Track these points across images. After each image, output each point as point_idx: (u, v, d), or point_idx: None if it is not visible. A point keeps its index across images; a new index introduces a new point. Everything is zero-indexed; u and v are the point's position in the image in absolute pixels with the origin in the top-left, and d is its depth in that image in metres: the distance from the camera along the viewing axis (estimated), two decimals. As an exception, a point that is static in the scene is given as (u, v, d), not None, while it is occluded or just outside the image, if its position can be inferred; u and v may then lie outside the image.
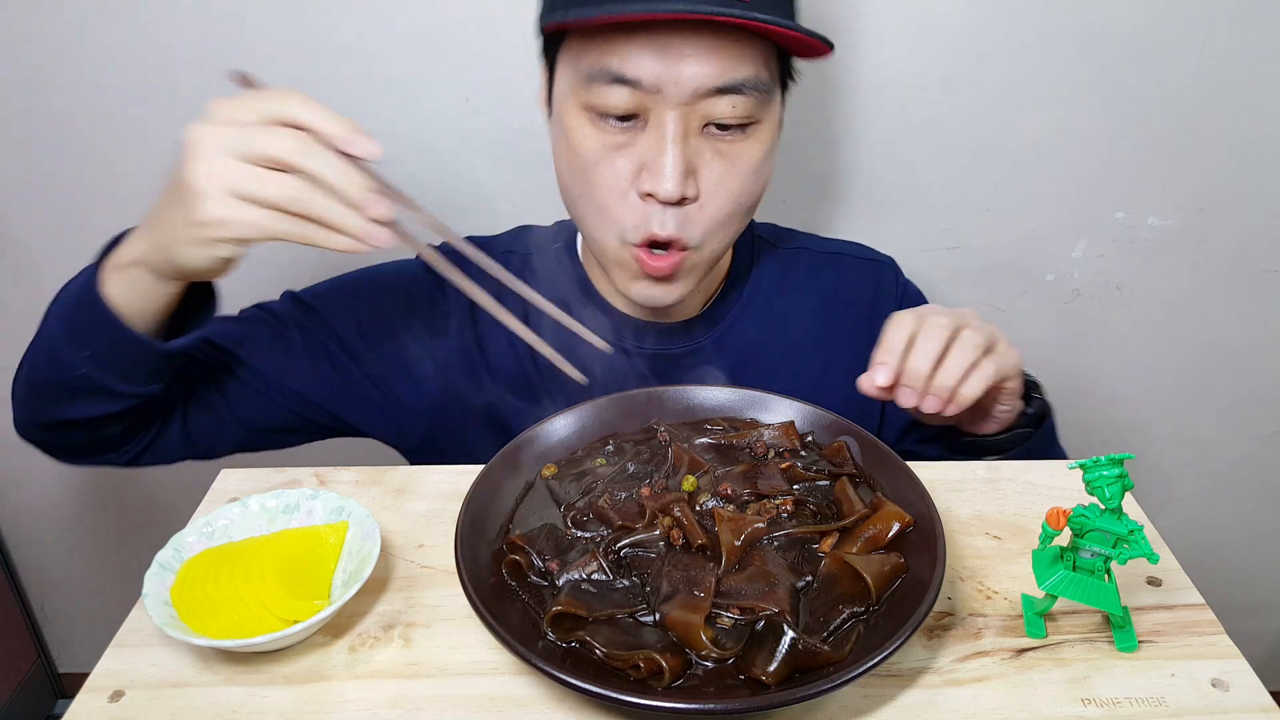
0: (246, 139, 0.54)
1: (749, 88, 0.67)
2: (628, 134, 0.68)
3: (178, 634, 0.51)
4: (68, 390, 0.68)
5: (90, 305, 0.64)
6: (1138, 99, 1.07)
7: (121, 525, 1.42)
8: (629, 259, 0.73)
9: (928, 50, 1.05)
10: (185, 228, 0.57)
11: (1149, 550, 0.50)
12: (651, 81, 0.65)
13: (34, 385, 0.72)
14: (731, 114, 0.67)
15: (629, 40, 0.64)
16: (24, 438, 0.77)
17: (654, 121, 0.67)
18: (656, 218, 0.69)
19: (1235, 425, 1.35)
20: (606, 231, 0.73)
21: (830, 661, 0.48)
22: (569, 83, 0.70)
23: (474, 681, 0.52)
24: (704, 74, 0.65)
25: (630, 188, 0.70)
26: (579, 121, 0.69)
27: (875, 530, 0.57)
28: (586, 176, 0.71)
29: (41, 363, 0.69)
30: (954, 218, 1.16)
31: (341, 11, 1.01)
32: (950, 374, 0.66)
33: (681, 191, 0.68)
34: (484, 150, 1.10)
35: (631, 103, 0.66)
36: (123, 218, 1.14)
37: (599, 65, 0.66)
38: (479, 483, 0.61)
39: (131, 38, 1.02)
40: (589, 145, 0.69)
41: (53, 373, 0.68)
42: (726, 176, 0.70)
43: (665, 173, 0.67)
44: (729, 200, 0.71)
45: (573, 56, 0.69)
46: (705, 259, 0.75)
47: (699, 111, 0.67)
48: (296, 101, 0.55)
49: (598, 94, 0.67)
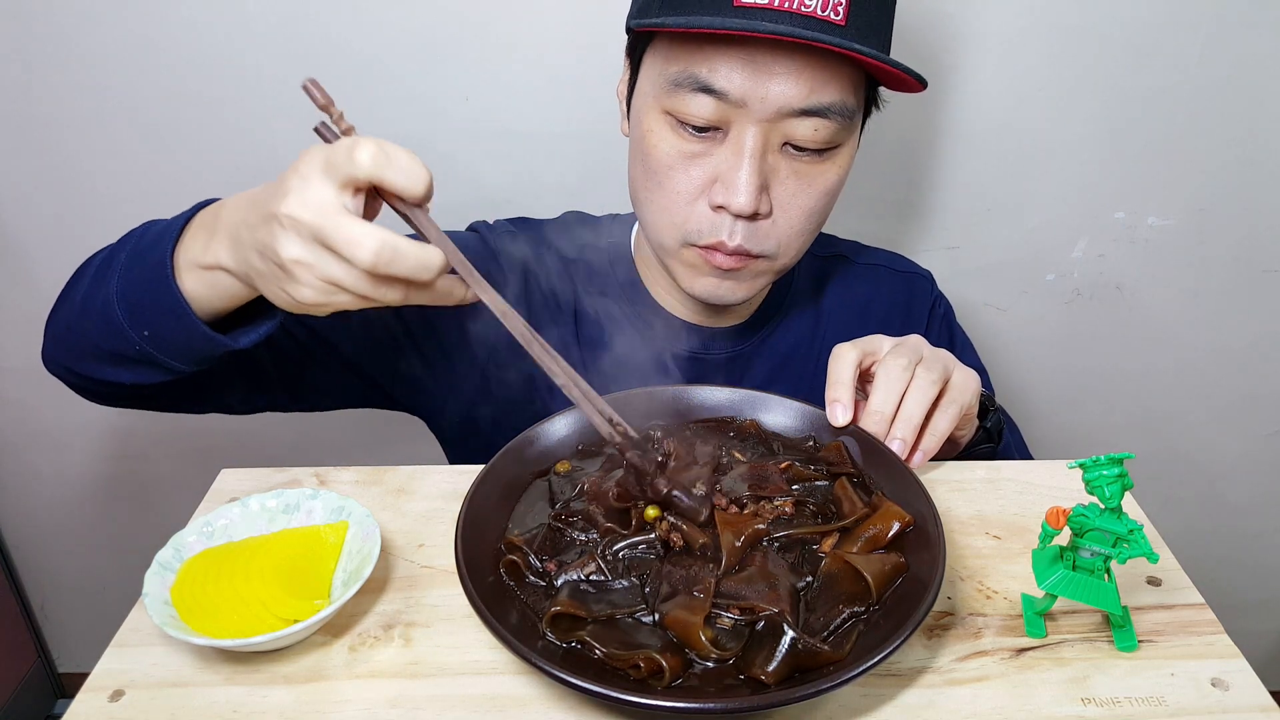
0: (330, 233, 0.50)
1: (833, 112, 0.67)
2: (705, 144, 0.68)
3: (178, 634, 0.51)
4: (116, 356, 0.65)
5: (164, 295, 0.59)
6: (1138, 99, 1.07)
7: (121, 525, 1.42)
8: (694, 257, 0.73)
9: (927, 50, 1.05)
10: (278, 290, 0.54)
11: (1149, 550, 0.50)
12: (738, 95, 0.65)
13: (76, 338, 0.67)
14: (813, 137, 0.67)
15: (720, 51, 0.64)
16: (52, 373, 0.74)
17: (734, 135, 0.67)
18: (726, 229, 0.70)
19: (1235, 425, 1.35)
20: (670, 233, 0.73)
21: (830, 661, 0.48)
22: (652, 85, 0.70)
23: (474, 681, 0.52)
24: (791, 94, 0.65)
25: (701, 196, 0.70)
26: (657, 125, 0.70)
27: (876, 530, 0.57)
28: (658, 179, 0.71)
29: (92, 324, 0.65)
30: (954, 218, 1.16)
31: (342, 11, 1.01)
32: (913, 417, 0.65)
33: (754, 208, 0.68)
34: (484, 150, 1.10)
35: (714, 113, 0.66)
36: (122, 218, 1.14)
37: (687, 72, 0.66)
38: (479, 483, 0.61)
39: (131, 38, 1.02)
40: (664, 150, 0.69)
41: (104, 339, 0.64)
42: (800, 196, 0.70)
43: (740, 187, 0.67)
44: (801, 219, 0.71)
45: (660, 59, 0.69)
46: (776, 269, 0.75)
47: (780, 130, 0.67)
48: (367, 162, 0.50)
49: (681, 100, 0.67)
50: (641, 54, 0.72)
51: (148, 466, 1.36)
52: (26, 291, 1.20)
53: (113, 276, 0.63)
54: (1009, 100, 1.07)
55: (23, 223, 1.15)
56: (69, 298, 0.69)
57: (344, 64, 1.04)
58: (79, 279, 0.69)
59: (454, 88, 1.06)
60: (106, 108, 1.06)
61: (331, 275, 0.50)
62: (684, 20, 0.63)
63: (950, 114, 1.08)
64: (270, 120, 1.07)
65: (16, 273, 1.19)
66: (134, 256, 0.63)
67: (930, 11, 1.02)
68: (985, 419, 0.76)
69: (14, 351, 1.25)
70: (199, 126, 1.07)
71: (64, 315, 0.69)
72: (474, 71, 1.05)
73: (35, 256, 1.17)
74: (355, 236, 0.49)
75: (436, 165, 1.22)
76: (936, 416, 0.66)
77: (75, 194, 1.13)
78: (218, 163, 1.10)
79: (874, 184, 1.14)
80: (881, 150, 1.11)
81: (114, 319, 0.62)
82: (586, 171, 1.03)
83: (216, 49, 1.03)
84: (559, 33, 1.03)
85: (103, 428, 1.32)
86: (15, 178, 1.12)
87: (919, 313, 0.91)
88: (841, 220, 1.15)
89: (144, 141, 1.08)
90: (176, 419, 1.31)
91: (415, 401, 0.88)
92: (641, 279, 0.85)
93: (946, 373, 0.67)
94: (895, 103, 1.09)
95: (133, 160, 1.10)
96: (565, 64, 1.04)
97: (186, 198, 1.11)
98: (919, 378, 0.66)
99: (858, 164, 1.12)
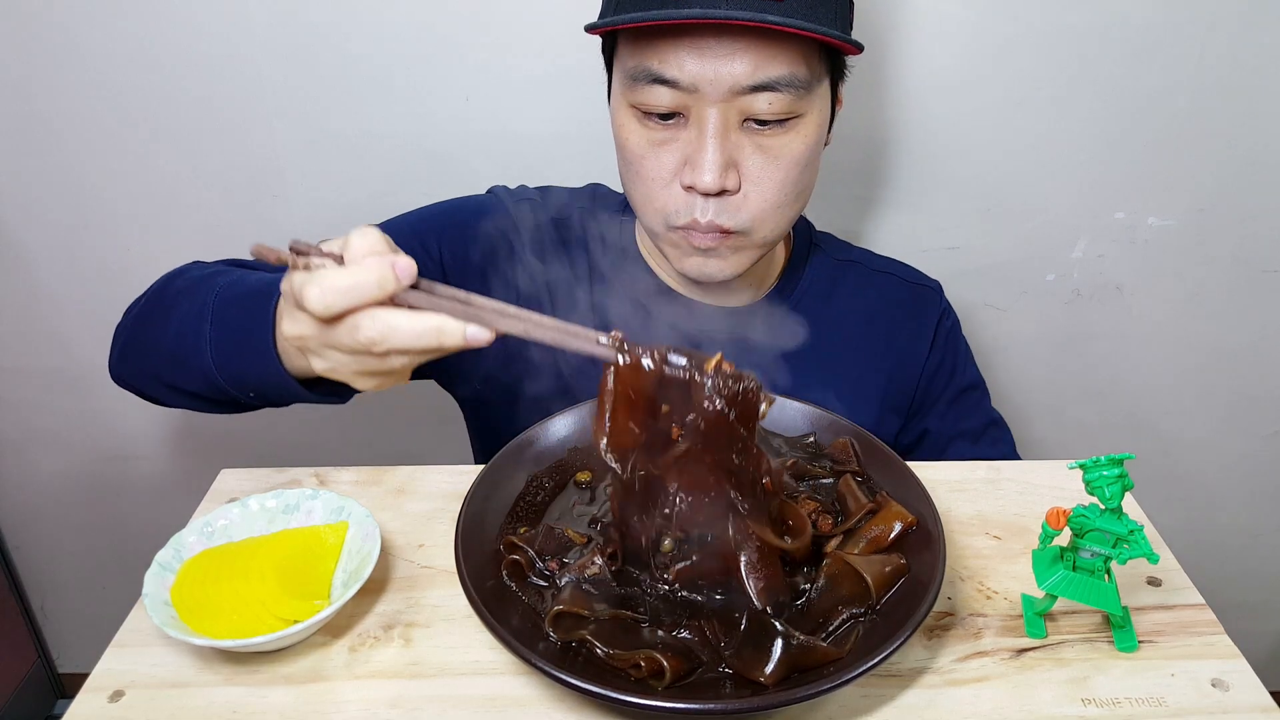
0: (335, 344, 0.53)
1: (784, 85, 0.69)
2: (671, 130, 0.72)
3: (178, 634, 0.51)
4: (210, 402, 0.69)
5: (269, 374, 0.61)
6: (1138, 99, 1.07)
7: (121, 525, 1.42)
8: (677, 238, 0.76)
9: (927, 50, 1.05)
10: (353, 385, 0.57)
11: (1149, 550, 0.50)
12: (690, 81, 0.68)
13: (163, 377, 0.70)
14: (769, 110, 0.69)
15: (668, 43, 0.68)
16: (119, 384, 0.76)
17: (694, 118, 0.70)
18: (699, 206, 0.73)
19: (1235, 425, 1.35)
20: (654, 217, 0.76)
21: (830, 661, 0.48)
22: (619, 82, 0.74)
23: (474, 681, 0.52)
24: (739, 73, 0.67)
25: (674, 179, 0.73)
26: (627, 119, 0.73)
27: (879, 530, 0.57)
28: (635, 169, 0.75)
29: (189, 378, 0.67)
30: (954, 218, 1.16)
31: (342, 11, 1.01)
32: None
33: (721, 184, 0.70)
34: (484, 150, 1.10)
35: (673, 101, 0.70)
36: (122, 217, 1.14)
37: (641, 66, 0.69)
38: (479, 483, 0.61)
39: (131, 37, 1.02)
40: (635, 141, 0.73)
41: (203, 388, 0.66)
42: (768, 168, 0.72)
43: (705, 166, 0.70)
44: (773, 190, 0.73)
45: (620, 58, 0.73)
46: (755, 244, 0.77)
47: (736, 107, 0.69)
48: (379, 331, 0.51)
49: (641, 93, 0.70)
50: (610, 56, 0.76)
51: (148, 466, 1.36)
52: (27, 291, 1.20)
53: (203, 344, 0.64)
54: (1009, 100, 1.07)
55: (23, 223, 1.15)
56: (145, 342, 0.71)
57: (344, 64, 1.04)
58: (150, 322, 0.71)
59: (454, 88, 1.06)
60: (106, 108, 1.06)
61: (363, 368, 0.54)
62: (628, 16, 0.66)
63: (950, 114, 1.08)
64: (270, 120, 1.07)
65: (16, 273, 1.19)
66: (229, 331, 0.64)
67: (930, 11, 1.02)
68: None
69: (14, 351, 1.25)
70: (199, 126, 1.07)
71: (143, 359, 0.72)
72: (474, 71, 1.05)
73: (35, 257, 1.17)
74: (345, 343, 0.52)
75: (436, 165, 1.23)
76: None
77: (75, 194, 1.13)
78: (217, 163, 1.10)
79: (874, 184, 1.14)
80: (881, 150, 1.11)
81: (217, 383, 0.64)
82: (586, 171, 1.03)
83: (216, 49, 1.03)
84: (559, 32, 1.03)
85: (103, 428, 1.32)
86: (15, 178, 1.11)
87: (925, 325, 0.92)
88: (841, 220, 1.16)
89: (144, 141, 1.08)
90: (176, 419, 1.32)
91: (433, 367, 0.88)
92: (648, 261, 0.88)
93: None
94: (896, 103, 1.10)
95: (133, 160, 1.10)
96: (565, 64, 1.04)
97: (186, 198, 1.12)
98: None
99: (858, 164, 1.13)
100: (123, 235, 1.15)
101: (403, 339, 0.51)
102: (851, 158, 1.12)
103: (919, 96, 1.08)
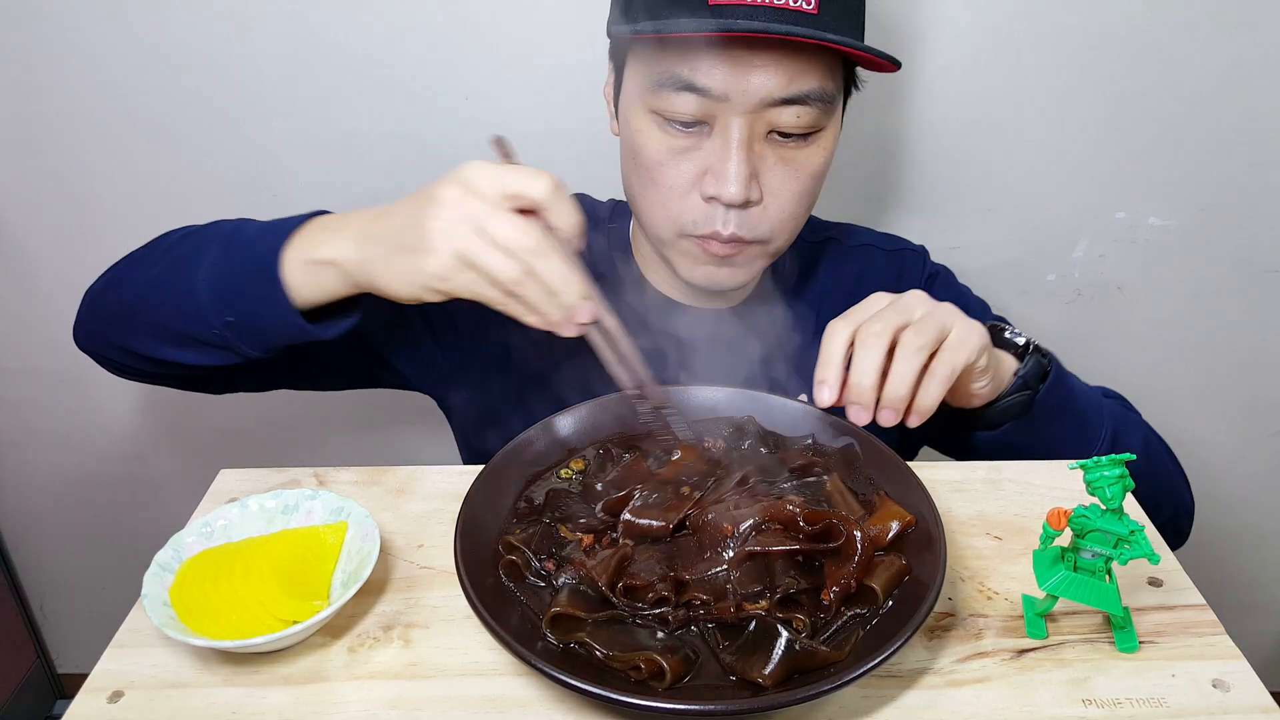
0: (491, 220, 0.56)
1: (813, 99, 0.68)
2: (693, 138, 0.70)
3: (177, 635, 0.51)
4: (184, 337, 0.67)
5: (261, 286, 0.63)
6: (1138, 99, 1.07)
7: (121, 525, 1.42)
8: (691, 247, 0.75)
9: (928, 50, 1.05)
10: (403, 265, 0.59)
11: (1150, 551, 0.50)
12: (721, 90, 0.67)
13: (135, 317, 0.69)
14: (796, 124, 0.69)
15: (700, 50, 0.66)
16: (83, 348, 0.75)
17: (720, 128, 0.69)
18: (720, 218, 0.72)
19: (1236, 425, 1.34)
20: (666, 225, 0.75)
21: (830, 662, 0.48)
22: (637, 86, 0.72)
23: (474, 682, 0.52)
24: (771, 85, 0.66)
25: (693, 189, 0.72)
26: (645, 124, 0.71)
27: (876, 530, 0.57)
28: (650, 175, 0.73)
29: (164, 306, 0.67)
30: (955, 217, 1.16)
31: (342, 10, 1.01)
32: (899, 385, 0.62)
33: (745, 196, 0.69)
34: (484, 150, 1.10)
35: (699, 109, 0.68)
36: (122, 217, 1.14)
37: (670, 73, 0.68)
38: (479, 483, 0.61)
39: (130, 37, 1.02)
40: (654, 147, 0.71)
41: (175, 320, 0.66)
42: (789, 180, 0.72)
43: (730, 178, 0.69)
44: (791, 202, 0.73)
45: (642, 62, 0.71)
46: (769, 253, 0.77)
47: (764, 119, 0.69)
48: (544, 189, 0.57)
49: (666, 99, 0.69)
50: (624, 56, 0.74)
51: (148, 466, 1.36)
52: (26, 291, 1.20)
53: (200, 263, 0.65)
54: (1010, 100, 1.07)
55: (23, 223, 1.15)
56: (126, 279, 0.71)
57: (344, 63, 1.04)
58: (140, 262, 0.71)
59: (454, 87, 1.06)
60: (106, 108, 1.06)
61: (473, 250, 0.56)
62: (663, 25, 0.65)
63: (951, 114, 1.08)
64: (270, 120, 1.07)
65: (16, 273, 1.19)
66: (230, 248, 0.66)
67: (931, 11, 1.02)
68: (1024, 363, 0.73)
69: (14, 351, 1.25)
70: (199, 126, 1.07)
71: (120, 295, 0.71)
72: (474, 71, 1.05)
73: (35, 256, 1.17)
74: (509, 221, 0.56)
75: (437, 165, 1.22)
76: (926, 382, 0.63)
77: (75, 194, 1.13)
78: (218, 162, 1.10)
79: (874, 184, 1.14)
80: (881, 150, 1.11)
81: (197, 298, 0.64)
82: (586, 171, 1.03)
83: (216, 49, 1.03)
84: (559, 32, 1.03)
85: (103, 428, 1.32)
86: (15, 177, 1.11)
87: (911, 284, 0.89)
88: (841, 220, 1.15)
89: (144, 141, 1.08)
90: (176, 419, 1.32)
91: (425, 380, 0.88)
92: (639, 267, 0.87)
93: (942, 331, 0.64)
94: (895, 103, 1.10)
95: (133, 160, 1.10)
96: (565, 64, 1.04)
97: (186, 197, 1.12)
98: (903, 344, 0.63)
99: (858, 164, 1.13)
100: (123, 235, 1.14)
101: (546, 263, 0.56)
102: (852, 158, 1.11)
103: (919, 97, 1.08)
